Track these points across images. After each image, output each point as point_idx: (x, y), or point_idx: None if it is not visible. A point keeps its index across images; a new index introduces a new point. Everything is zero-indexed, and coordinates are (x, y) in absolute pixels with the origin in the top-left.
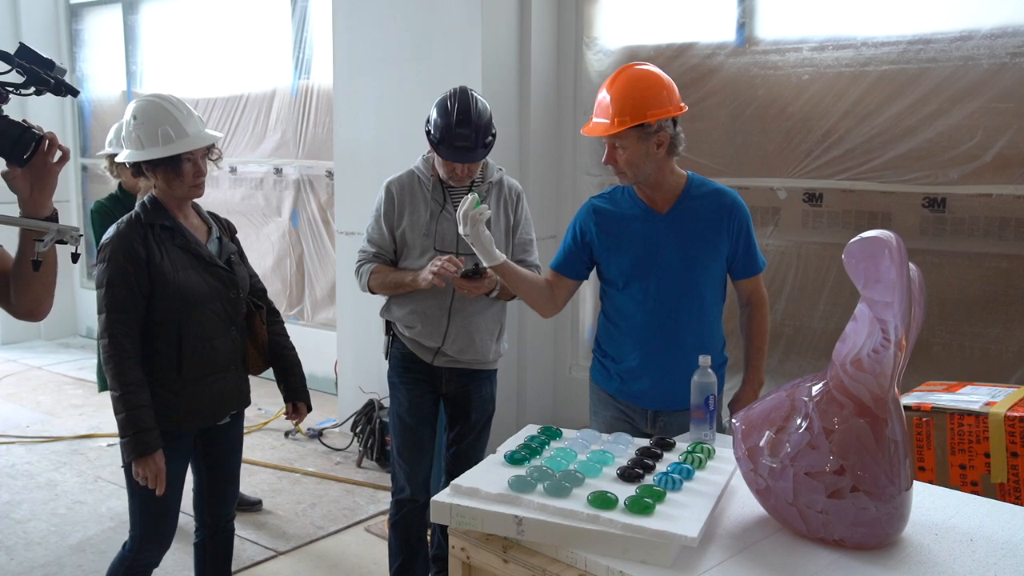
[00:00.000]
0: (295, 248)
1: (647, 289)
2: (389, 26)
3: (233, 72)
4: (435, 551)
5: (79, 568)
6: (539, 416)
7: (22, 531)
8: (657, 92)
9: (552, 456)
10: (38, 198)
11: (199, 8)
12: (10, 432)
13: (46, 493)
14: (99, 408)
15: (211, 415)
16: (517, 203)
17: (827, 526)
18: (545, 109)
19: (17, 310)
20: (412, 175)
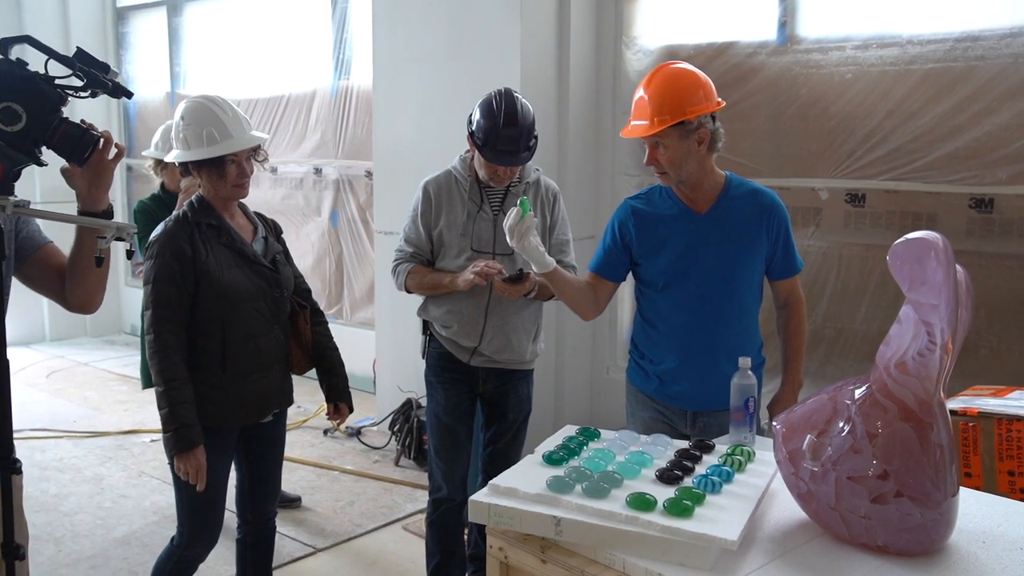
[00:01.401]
0: (334, 248)
1: (686, 290)
2: (428, 27)
3: (274, 73)
4: (472, 550)
5: (124, 561)
6: (576, 417)
7: (69, 523)
8: (694, 89)
9: (590, 457)
10: (95, 194)
11: (241, 10)
12: (58, 427)
13: (92, 487)
14: (143, 404)
15: (254, 413)
16: (554, 203)
17: (870, 531)
18: (584, 109)
19: (71, 303)
20: (449, 175)
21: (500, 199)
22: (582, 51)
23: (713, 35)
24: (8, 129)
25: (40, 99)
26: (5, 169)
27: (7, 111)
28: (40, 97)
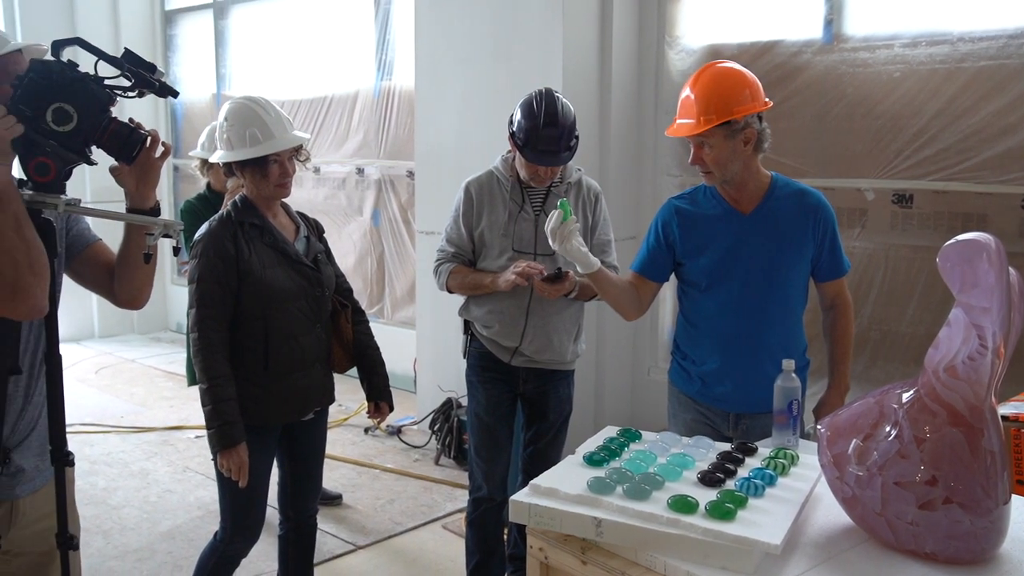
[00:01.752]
0: (376, 247)
1: (730, 291)
2: (470, 27)
3: (317, 74)
4: (511, 550)
5: (169, 555)
6: (617, 418)
7: (117, 516)
8: (741, 88)
9: (631, 458)
10: (143, 191)
11: (285, 12)
12: (106, 422)
13: (139, 481)
14: (187, 401)
15: (296, 411)
16: (595, 203)
17: (918, 538)
18: (626, 109)
19: (119, 299)
20: (491, 175)
21: (541, 199)
22: (624, 51)
23: (757, 34)
24: (60, 129)
25: (90, 99)
26: (57, 168)
27: (59, 111)
28: (90, 97)
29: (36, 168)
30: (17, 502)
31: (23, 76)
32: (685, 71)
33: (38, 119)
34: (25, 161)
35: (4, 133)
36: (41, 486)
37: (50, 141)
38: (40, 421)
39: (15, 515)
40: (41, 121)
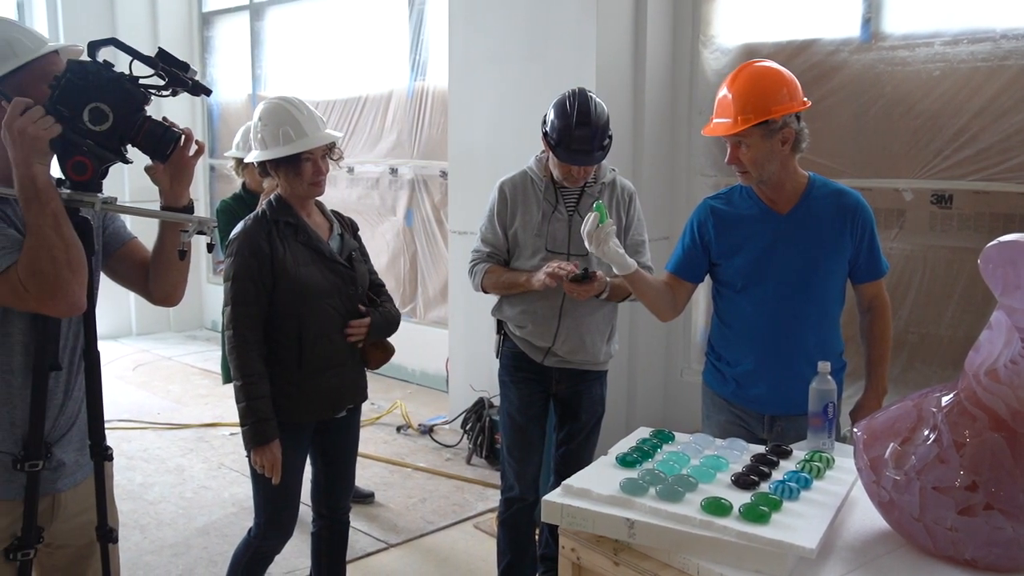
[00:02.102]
0: (409, 247)
1: (765, 291)
2: (504, 27)
3: (352, 74)
4: (543, 550)
5: (204, 550)
6: (649, 419)
7: (154, 512)
8: (779, 88)
9: (664, 460)
10: (177, 190)
11: (320, 13)
12: (144, 418)
13: (175, 477)
14: (222, 398)
15: (329, 408)
16: (629, 204)
17: (957, 545)
18: (659, 109)
19: (154, 296)
20: (525, 175)
21: (575, 199)
22: (658, 51)
23: (793, 33)
24: (96, 129)
25: (126, 99)
26: (94, 167)
27: (95, 111)
28: (126, 97)
29: (74, 167)
30: (59, 495)
31: (61, 77)
32: (720, 70)
33: (75, 119)
34: (63, 160)
35: (43, 133)
36: (81, 480)
37: (87, 140)
38: (80, 416)
39: (57, 508)
40: (78, 121)
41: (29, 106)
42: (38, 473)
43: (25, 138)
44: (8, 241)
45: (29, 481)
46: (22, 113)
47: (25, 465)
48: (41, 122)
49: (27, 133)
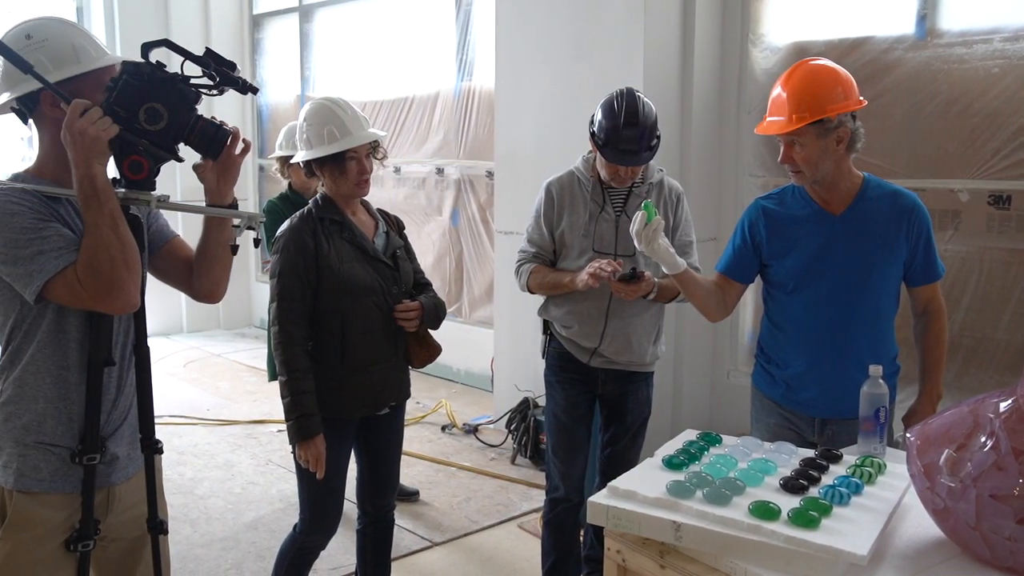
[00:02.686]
0: (454, 247)
1: (817, 293)
2: (551, 27)
3: (399, 75)
4: (588, 552)
5: (252, 545)
6: (696, 421)
7: (203, 506)
8: (834, 86)
9: (711, 462)
10: (223, 188)
11: (368, 14)
12: (194, 414)
13: (224, 473)
14: (270, 396)
15: (372, 404)
16: (677, 204)
17: (1016, 555)
18: (707, 109)
19: (198, 292)
20: (572, 176)
21: (623, 200)
22: (707, 50)
23: (846, 30)
24: (152, 128)
25: (179, 99)
26: (149, 166)
27: (151, 111)
28: (179, 97)
29: (130, 166)
30: (113, 489)
31: (117, 78)
32: (769, 69)
33: (131, 119)
34: (120, 160)
35: (102, 134)
36: (133, 473)
37: (143, 140)
38: (131, 411)
39: (111, 501)
40: (134, 121)
41: (88, 107)
42: (95, 466)
43: (85, 139)
44: (64, 241)
45: (86, 474)
46: (82, 114)
47: (83, 459)
48: (100, 123)
49: (87, 134)
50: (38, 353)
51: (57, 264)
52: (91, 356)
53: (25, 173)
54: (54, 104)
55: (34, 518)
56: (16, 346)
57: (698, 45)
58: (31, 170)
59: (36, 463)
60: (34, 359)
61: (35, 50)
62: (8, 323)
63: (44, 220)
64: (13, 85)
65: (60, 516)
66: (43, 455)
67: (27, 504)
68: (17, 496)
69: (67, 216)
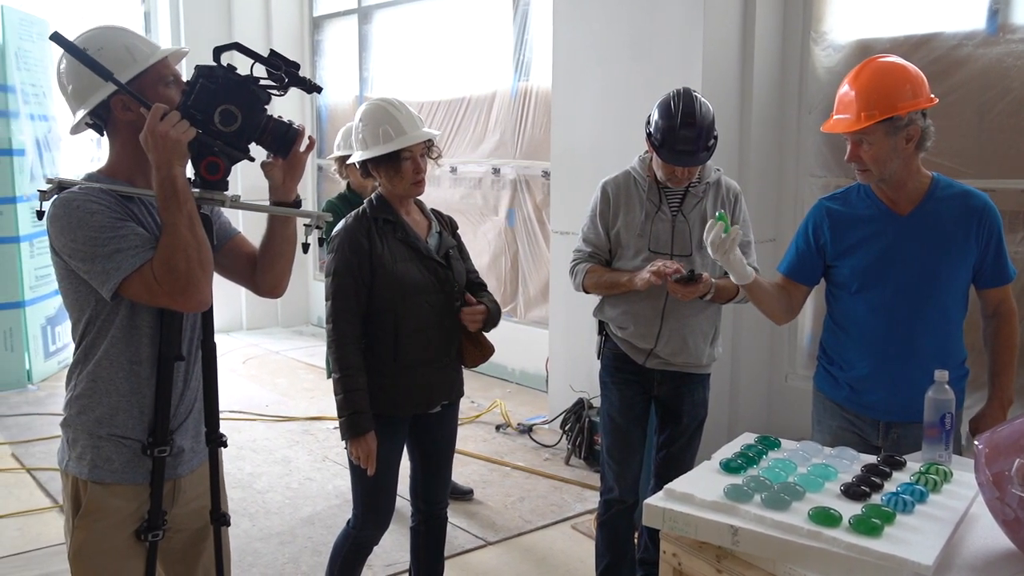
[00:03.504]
0: (510, 246)
1: (883, 295)
2: (609, 27)
3: (456, 75)
4: (642, 554)
5: (309, 539)
6: (753, 424)
7: (262, 501)
8: (904, 83)
9: (770, 467)
10: (289, 185)
11: (426, 15)
12: (253, 410)
13: (282, 468)
14: (326, 393)
15: (424, 403)
16: (735, 204)
17: None
18: (767, 108)
19: (261, 288)
20: (628, 176)
21: (679, 200)
22: (767, 48)
23: (912, 27)
24: (226, 129)
25: (251, 100)
26: (225, 166)
27: (225, 113)
28: (251, 98)
29: (207, 167)
30: (179, 480)
31: (193, 82)
32: (832, 68)
33: (207, 121)
34: (197, 161)
35: (182, 137)
36: (197, 466)
37: (218, 141)
38: (196, 405)
39: (177, 493)
40: (210, 123)
41: (167, 111)
42: (164, 459)
43: (167, 142)
44: (140, 240)
45: (155, 466)
46: (162, 118)
47: (154, 451)
48: (179, 126)
49: (168, 137)
50: (112, 348)
51: (134, 262)
52: (162, 351)
53: (98, 173)
54: (125, 107)
55: (107, 508)
56: (90, 341)
57: (758, 43)
58: (104, 170)
59: (109, 455)
60: (108, 354)
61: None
62: (83, 319)
63: (121, 219)
64: (84, 100)
65: (131, 506)
66: (115, 447)
67: (100, 494)
68: (91, 486)
69: (140, 215)
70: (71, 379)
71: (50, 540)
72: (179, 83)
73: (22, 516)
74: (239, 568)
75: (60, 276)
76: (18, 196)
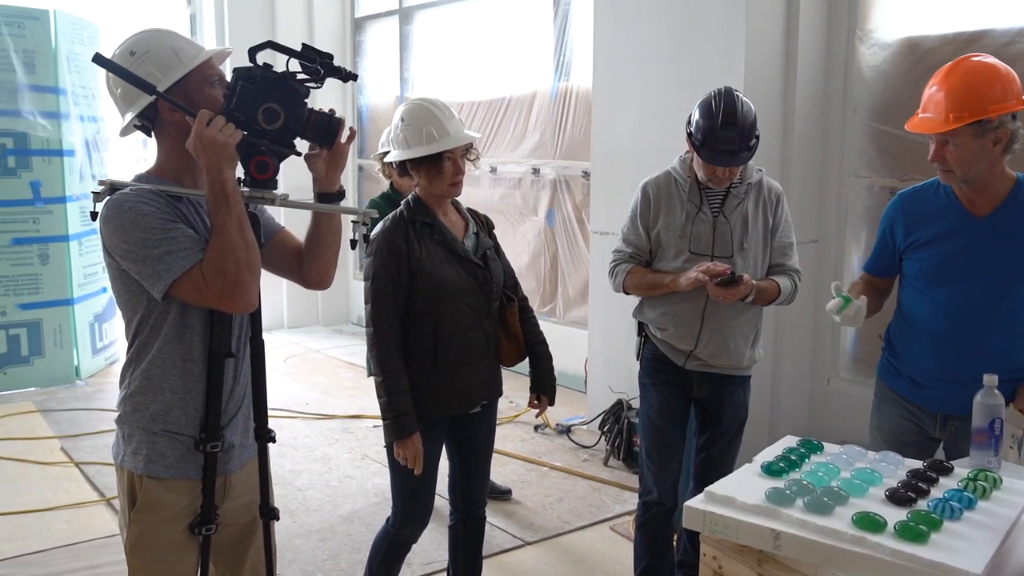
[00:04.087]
0: (550, 247)
1: (950, 295)
2: (650, 26)
3: (496, 75)
4: (681, 556)
5: (348, 537)
6: (794, 427)
7: (302, 498)
8: (995, 84)
9: (812, 470)
10: (332, 175)
11: (466, 16)
12: (293, 408)
13: (321, 465)
14: (366, 391)
15: (463, 403)
16: (777, 205)
17: None
18: (811, 108)
19: (308, 280)
20: (668, 176)
21: (720, 200)
22: (811, 46)
23: (962, 23)
24: (271, 128)
25: (291, 95)
26: (274, 165)
27: (268, 111)
28: (291, 94)
29: (257, 167)
30: (229, 476)
31: (233, 85)
32: (877, 66)
33: (251, 122)
34: (246, 162)
35: (229, 140)
36: (246, 461)
37: (263, 140)
38: (244, 401)
39: (228, 488)
40: (254, 123)
41: (212, 116)
42: (216, 454)
43: (216, 146)
44: (190, 242)
45: (207, 461)
46: (208, 123)
47: (207, 446)
48: (225, 129)
49: (217, 141)
50: (164, 347)
51: (184, 264)
52: (213, 348)
53: (148, 173)
54: (171, 109)
55: (162, 502)
56: (143, 340)
57: (802, 42)
58: (153, 170)
59: (163, 450)
60: (160, 352)
61: (142, 63)
62: (135, 318)
63: (171, 220)
64: (132, 103)
65: (184, 501)
66: (169, 443)
67: (156, 489)
68: (147, 481)
69: (189, 214)
70: (125, 377)
71: (97, 533)
72: (224, 83)
73: (70, 509)
74: (280, 563)
75: (112, 276)
76: (68, 196)
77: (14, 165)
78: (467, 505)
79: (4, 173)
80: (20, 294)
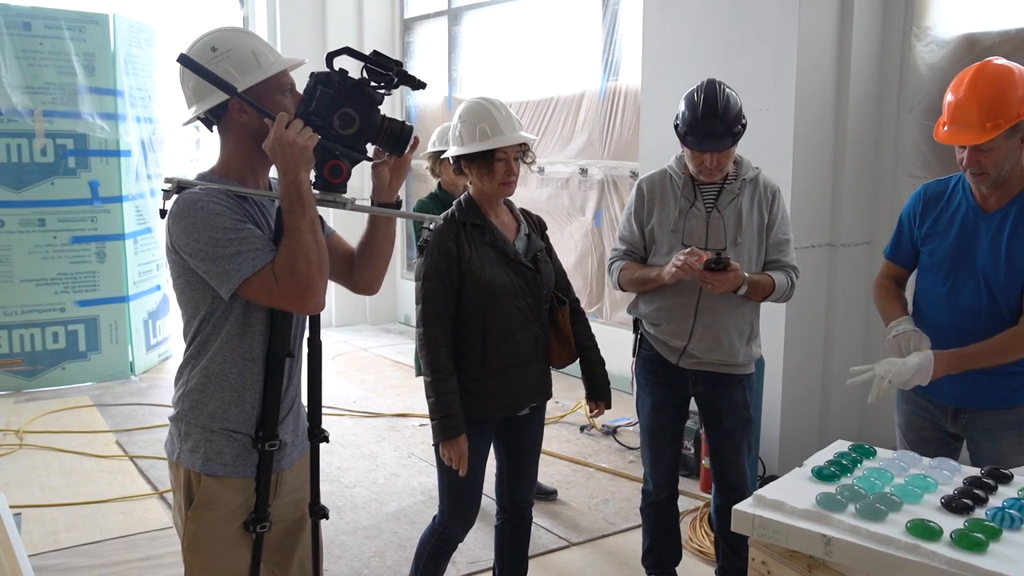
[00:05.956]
0: (596, 247)
1: (956, 285)
2: (700, 25)
3: (544, 76)
4: (721, 563)
5: (394, 535)
6: (845, 431)
7: (349, 495)
8: (1018, 87)
9: (864, 476)
10: (395, 183)
11: (515, 16)
12: (341, 405)
13: (368, 463)
14: (413, 390)
15: (512, 405)
16: (772, 201)
17: None
18: (864, 108)
19: (358, 285)
20: (664, 173)
21: (714, 196)
22: (865, 44)
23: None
24: (346, 132)
25: (366, 101)
26: (347, 169)
27: (344, 116)
28: (366, 100)
29: (331, 170)
30: (281, 474)
31: (311, 89)
32: (934, 64)
33: (327, 126)
34: (320, 165)
35: (307, 143)
36: (297, 459)
37: (338, 144)
38: (297, 400)
39: (279, 486)
40: (330, 127)
41: (291, 119)
42: (272, 452)
43: (294, 148)
44: (259, 242)
45: (262, 459)
46: (287, 126)
47: (264, 445)
48: (304, 132)
49: (296, 144)
50: (226, 345)
51: (254, 264)
52: (273, 348)
53: (211, 172)
54: (242, 110)
55: (219, 499)
56: (204, 338)
57: (856, 39)
58: (216, 169)
59: (221, 448)
60: (221, 350)
61: (221, 60)
62: (197, 316)
63: (241, 221)
64: (203, 97)
65: (239, 498)
66: (227, 441)
67: (213, 487)
68: (205, 479)
69: (254, 214)
70: (182, 374)
71: (151, 525)
72: (294, 93)
73: (125, 501)
74: (327, 560)
75: (176, 274)
76: (124, 195)
77: (74, 165)
78: (514, 505)
79: (64, 173)
80: (79, 291)
